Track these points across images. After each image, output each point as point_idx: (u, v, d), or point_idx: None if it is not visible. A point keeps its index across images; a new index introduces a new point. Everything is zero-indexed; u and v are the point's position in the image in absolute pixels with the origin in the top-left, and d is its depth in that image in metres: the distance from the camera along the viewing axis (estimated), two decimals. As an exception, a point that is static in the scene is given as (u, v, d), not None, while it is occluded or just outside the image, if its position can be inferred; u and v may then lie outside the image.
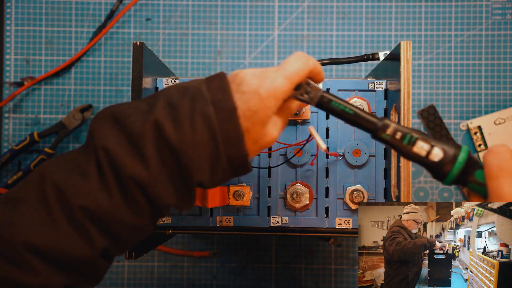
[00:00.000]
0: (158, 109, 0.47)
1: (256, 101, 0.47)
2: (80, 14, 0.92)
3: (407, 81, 0.56)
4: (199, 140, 0.46)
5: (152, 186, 0.46)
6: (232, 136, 0.47)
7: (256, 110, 0.47)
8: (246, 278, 0.91)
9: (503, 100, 0.90)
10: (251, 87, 0.48)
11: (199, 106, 0.46)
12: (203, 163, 0.47)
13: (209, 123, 0.46)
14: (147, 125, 0.46)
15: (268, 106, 0.48)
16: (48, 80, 0.91)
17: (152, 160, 0.46)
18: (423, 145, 0.46)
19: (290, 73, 0.49)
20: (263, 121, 0.48)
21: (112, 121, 0.47)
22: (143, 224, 0.48)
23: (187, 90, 0.48)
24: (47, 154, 0.88)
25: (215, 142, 0.46)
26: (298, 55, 0.50)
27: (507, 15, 0.90)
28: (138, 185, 0.46)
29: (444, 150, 0.46)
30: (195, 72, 0.92)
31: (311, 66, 0.50)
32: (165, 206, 0.48)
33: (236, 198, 0.63)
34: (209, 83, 0.48)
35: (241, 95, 0.47)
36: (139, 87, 0.58)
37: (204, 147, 0.46)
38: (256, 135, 0.49)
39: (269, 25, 0.92)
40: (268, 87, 0.48)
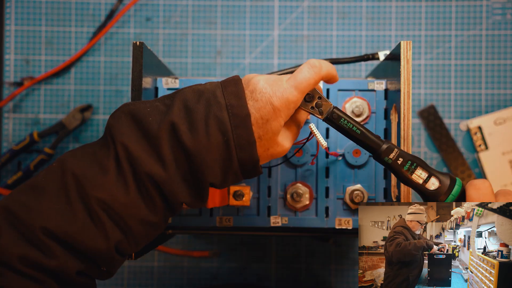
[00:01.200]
0: (174, 111, 0.48)
1: (268, 110, 0.49)
2: (80, 14, 0.92)
3: (407, 81, 0.56)
4: (213, 144, 0.48)
5: (167, 184, 0.48)
6: (244, 141, 0.48)
7: (268, 119, 0.49)
8: (246, 278, 0.91)
9: (503, 100, 0.90)
10: (263, 95, 0.49)
11: (213, 110, 0.48)
12: (215, 166, 0.48)
13: (223, 127, 0.48)
14: (163, 126, 0.48)
15: (279, 116, 0.49)
16: (48, 80, 0.91)
17: (168, 159, 0.47)
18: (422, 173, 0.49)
19: (301, 83, 0.50)
20: (274, 130, 0.50)
21: (130, 119, 0.49)
22: (156, 220, 0.49)
23: (203, 94, 0.49)
24: (47, 154, 0.88)
25: (228, 147, 0.48)
26: (310, 63, 0.51)
27: (507, 15, 0.90)
28: (154, 182, 0.48)
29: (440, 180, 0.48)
30: (195, 72, 0.92)
31: (324, 73, 0.52)
32: (178, 203, 0.50)
33: (236, 198, 0.63)
34: (224, 88, 0.49)
35: (254, 103, 0.49)
36: (139, 87, 0.58)
37: (217, 151, 0.48)
38: (267, 142, 0.50)
39: (269, 25, 0.92)
40: (280, 97, 0.49)
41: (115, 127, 0.49)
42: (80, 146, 0.51)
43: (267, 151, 0.51)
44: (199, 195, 0.50)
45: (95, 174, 0.47)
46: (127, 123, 0.49)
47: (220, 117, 0.48)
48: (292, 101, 0.49)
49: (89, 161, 0.48)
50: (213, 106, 0.48)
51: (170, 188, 0.48)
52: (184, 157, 0.48)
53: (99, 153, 0.49)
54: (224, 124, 0.48)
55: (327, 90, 0.65)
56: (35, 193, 0.47)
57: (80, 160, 0.48)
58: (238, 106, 0.48)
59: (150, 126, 0.48)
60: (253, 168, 0.50)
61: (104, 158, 0.48)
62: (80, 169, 0.47)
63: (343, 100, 0.64)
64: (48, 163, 0.90)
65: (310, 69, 0.51)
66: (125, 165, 0.47)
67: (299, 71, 0.51)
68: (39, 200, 0.47)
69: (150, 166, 0.47)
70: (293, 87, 0.49)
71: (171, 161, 0.48)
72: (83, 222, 0.47)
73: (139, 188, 0.48)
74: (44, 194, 0.47)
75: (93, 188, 0.47)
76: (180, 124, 0.47)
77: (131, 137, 0.48)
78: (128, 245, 0.50)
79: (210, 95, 0.49)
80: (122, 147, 0.47)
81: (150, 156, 0.47)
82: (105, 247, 0.47)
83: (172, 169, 0.48)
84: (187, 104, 0.49)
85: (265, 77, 0.50)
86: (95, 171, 0.47)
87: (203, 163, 0.48)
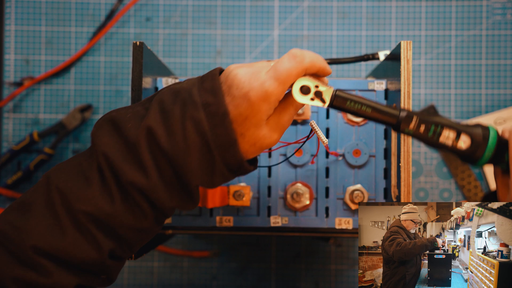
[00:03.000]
0: (150, 115, 0.46)
1: (246, 106, 0.45)
2: (80, 14, 0.92)
3: (407, 81, 0.56)
4: (191, 146, 0.45)
5: (152, 191, 0.46)
6: (225, 142, 0.45)
7: (247, 116, 0.46)
8: (246, 278, 0.91)
9: (503, 100, 0.90)
10: (240, 91, 0.45)
11: (189, 111, 0.45)
12: (198, 168, 0.46)
13: (201, 128, 0.45)
14: (141, 132, 0.46)
15: (259, 111, 0.46)
16: (48, 80, 0.91)
17: (149, 166, 0.46)
18: (449, 134, 0.45)
19: (281, 74, 0.46)
20: (257, 125, 0.46)
21: (111, 126, 0.48)
22: (146, 226, 0.48)
23: (179, 94, 0.47)
24: (47, 154, 0.88)
25: (208, 148, 0.46)
26: (291, 53, 0.47)
27: (507, 15, 0.90)
28: (138, 190, 0.46)
29: (472, 135, 0.44)
30: (195, 72, 0.91)
31: (307, 63, 0.47)
32: (168, 208, 0.48)
33: (236, 198, 0.63)
34: (201, 84, 0.47)
35: (232, 99, 0.46)
36: (139, 87, 0.58)
37: (197, 153, 0.46)
38: (252, 138, 0.47)
39: (269, 25, 0.92)
40: (257, 91, 0.45)
41: (97, 136, 0.47)
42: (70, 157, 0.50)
43: (254, 145, 0.47)
44: (188, 198, 0.48)
45: (80, 187, 0.46)
46: (108, 132, 0.47)
47: (196, 117, 0.45)
48: (273, 94, 0.45)
49: (75, 173, 0.47)
50: (188, 106, 0.45)
51: (155, 195, 0.46)
52: (166, 162, 0.46)
53: (84, 164, 0.48)
54: (201, 124, 0.45)
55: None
56: (23, 211, 0.47)
57: (65, 173, 0.47)
58: (215, 104, 0.45)
59: (130, 132, 0.46)
60: (239, 167, 0.47)
61: (89, 169, 0.47)
62: (65, 182, 0.46)
63: (343, 100, 0.64)
64: (48, 163, 0.90)
65: (291, 59, 0.46)
66: (107, 175, 0.46)
67: (280, 61, 0.46)
68: (27, 218, 0.46)
69: (131, 174, 0.46)
70: (272, 78, 0.45)
71: (153, 168, 0.46)
72: (73, 237, 0.46)
73: (125, 197, 0.47)
74: (32, 211, 0.46)
75: (78, 202, 0.46)
76: (157, 129, 0.45)
77: (112, 146, 0.46)
78: (122, 251, 0.49)
79: (186, 95, 0.46)
80: (104, 157, 0.46)
81: (131, 164, 0.46)
82: (98, 257, 0.47)
83: (155, 176, 0.46)
84: (163, 107, 0.46)
85: (244, 69, 0.47)
86: (80, 183, 0.46)
87: (184, 166, 0.46)
